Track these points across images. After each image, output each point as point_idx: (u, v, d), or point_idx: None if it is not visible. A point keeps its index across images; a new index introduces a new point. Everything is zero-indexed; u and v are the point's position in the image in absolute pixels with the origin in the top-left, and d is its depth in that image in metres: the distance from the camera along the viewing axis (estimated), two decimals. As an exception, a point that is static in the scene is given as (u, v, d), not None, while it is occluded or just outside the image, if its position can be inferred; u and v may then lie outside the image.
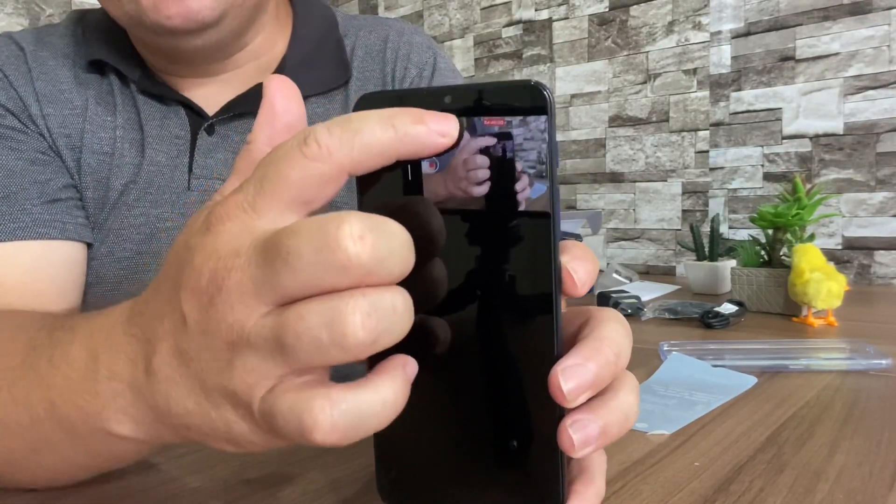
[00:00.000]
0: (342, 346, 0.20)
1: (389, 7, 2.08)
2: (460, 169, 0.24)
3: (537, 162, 0.24)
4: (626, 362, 0.26)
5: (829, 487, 0.36)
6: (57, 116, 0.59)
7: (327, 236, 0.19)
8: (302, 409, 0.20)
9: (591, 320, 0.27)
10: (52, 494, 0.36)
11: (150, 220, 0.58)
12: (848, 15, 1.29)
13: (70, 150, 0.59)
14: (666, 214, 1.56)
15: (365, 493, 0.36)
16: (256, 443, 0.23)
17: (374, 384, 0.21)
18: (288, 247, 0.20)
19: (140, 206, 0.58)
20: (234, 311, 0.21)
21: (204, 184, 0.60)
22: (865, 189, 1.29)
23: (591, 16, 1.64)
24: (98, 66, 0.61)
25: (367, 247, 0.19)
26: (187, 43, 0.55)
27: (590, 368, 0.24)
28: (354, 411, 0.20)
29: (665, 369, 0.61)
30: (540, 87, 0.23)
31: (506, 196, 0.24)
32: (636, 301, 0.97)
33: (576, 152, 1.69)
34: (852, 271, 1.31)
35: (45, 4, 1.61)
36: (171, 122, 0.61)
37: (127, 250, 0.58)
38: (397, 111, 0.22)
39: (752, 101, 1.42)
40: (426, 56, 0.71)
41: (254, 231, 0.21)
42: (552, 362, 0.24)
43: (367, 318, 0.19)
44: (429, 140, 0.22)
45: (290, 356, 0.20)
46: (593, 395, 0.24)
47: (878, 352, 0.63)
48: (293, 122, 0.26)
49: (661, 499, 0.35)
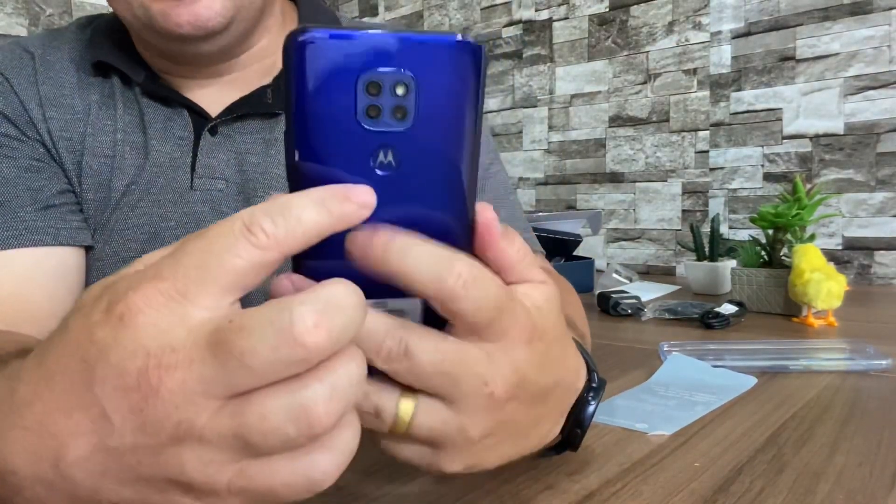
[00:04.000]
0: (309, 434, 0.21)
1: (390, 7, 2.08)
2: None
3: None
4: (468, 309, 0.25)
5: (829, 488, 0.36)
6: (59, 120, 0.59)
7: (282, 333, 0.19)
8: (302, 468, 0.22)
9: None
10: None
11: (153, 220, 0.59)
12: (848, 15, 1.29)
13: (71, 154, 0.59)
14: (666, 214, 1.56)
15: (367, 493, 0.36)
16: None
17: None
18: (241, 347, 0.19)
19: (143, 207, 0.59)
20: (178, 411, 0.20)
21: (207, 183, 0.60)
22: (865, 189, 1.29)
23: (592, 16, 1.65)
24: (102, 68, 0.62)
25: (323, 333, 0.20)
26: (195, 48, 0.56)
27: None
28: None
29: (665, 370, 0.61)
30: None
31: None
32: (636, 301, 0.97)
33: (576, 152, 1.70)
34: (852, 271, 1.31)
35: (44, 4, 1.61)
36: (175, 124, 0.61)
37: (132, 250, 0.58)
38: (326, 193, 0.22)
39: (752, 101, 1.42)
40: None
41: (188, 322, 0.20)
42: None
43: (330, 403, 0.21)
44: (355, 215, 0.23)
45: (255, 449, 0.21)
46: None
47: (878, 352, 0.63)
48: None
49: (662, 499, 0.35)
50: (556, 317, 0.30)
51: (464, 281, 0.24)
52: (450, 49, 0.24)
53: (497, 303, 0.25)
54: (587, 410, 0.35)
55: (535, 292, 0.29)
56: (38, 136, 0.59)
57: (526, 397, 0.29)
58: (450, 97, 0.25)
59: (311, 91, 0.24)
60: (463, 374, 0.26)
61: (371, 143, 0.24)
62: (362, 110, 0.24)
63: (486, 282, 0.25)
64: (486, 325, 0.26)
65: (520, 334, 0.27)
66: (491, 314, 0.25)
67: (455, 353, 0.26)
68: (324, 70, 0.23)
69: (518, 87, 1.79)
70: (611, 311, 0.96)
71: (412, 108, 0.24)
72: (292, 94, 0.24)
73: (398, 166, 0.25)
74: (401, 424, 0.26)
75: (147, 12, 0.52)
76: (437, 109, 0.24)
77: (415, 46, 0.24)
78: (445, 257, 0.24)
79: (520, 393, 0.28)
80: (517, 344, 0.27)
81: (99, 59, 0.61)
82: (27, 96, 0.59)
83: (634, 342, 0.77)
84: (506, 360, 0.27)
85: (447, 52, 0.24)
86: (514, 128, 1.80)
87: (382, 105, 0.24)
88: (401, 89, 0.24)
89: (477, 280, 0.24)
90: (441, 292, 0.24)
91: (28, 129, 0.59)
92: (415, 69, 0.24)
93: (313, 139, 0.24)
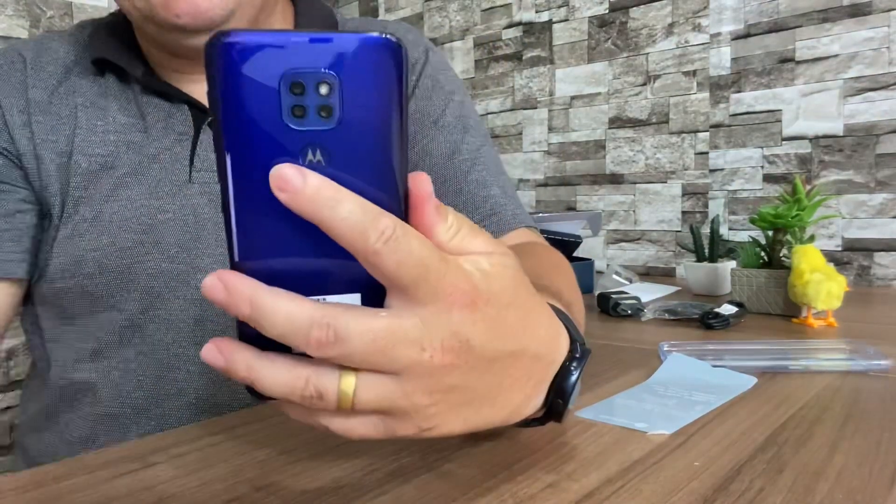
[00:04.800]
0: None
1: (390, 9, 2.08)
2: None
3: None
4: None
5: (828, 488, 0.36)
6: (44, 124, 0.60)
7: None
8: None
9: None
10: (56, 491, 0.36)
11: (151, 211, 0.59)
12: (847, 17, 1.29)
13: (55, 154, 0.60)
14: (666, 216, 1.56)
15: (366, 492, 0.36)
16: None
17: None
18: None
19: (140, 199, 0.59)
20: None
21: (205, 176, 0.61)
22: (865, 190, 1.29)
23: (591, 17, 1.65)
24: (100, 65, 0.62)
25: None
26: (195, 40, 0.56)
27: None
28: None
29: (665, 369, 0.61)
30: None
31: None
32: (636, 302, 0.97)
33: (576, 154, 1.70)
34: (852, 273, 1.31)
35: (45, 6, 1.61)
36: (176, 119, 0.62)
37: (128, 240, 0.59)
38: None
39: (751, 102, 1.42)
40: (417, 52, 0.73)
41: None
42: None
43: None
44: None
45: None
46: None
47: (878, 353, 0.63)
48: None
49: (661, 498, 0.35)
50: (512, 281, 0.30)
51: (386, 237, 0.24)
52: (369, 47, 0.25)
53: (421, 260, 0.25)
54: (569, 380, 0.35)
55: (479, 258, 0.29)
56: (8, 146, 0.60)
57: (475, 363, 0.29)
58: (373, 94, 0.25)
59: (236, 93, 0.24)
60: (398, 345, 0.26)
61: (298, 142, 0.25)
62: (287, 110, 0.24)
63: (409, 239, 0.25)
64: (411, 285, 0.26)
65: (458, 297, 0.27)
66: (415, 272, 0.25)
67: (386, 328, 0.26)
68: (248, 71, 0.24)
69: (518, 88, 1.79)
70: (611, 311, 0.96)
71: (337, 106, 0.25)
72: (218, 97, 0.24)
73: (327, 164, 0.25)
74: (345, 401, 0.27)
75: (147, 2, 0.53)
76: (361, 107, 0.25)
77: (335, 46, 0.24)
78: (372, 213, 0.24)
79: (466, 358, 0.28)
80: (455, 307, 0.27)
81: (97, 56, 0.61)
82: (10, 103, 0.60)
83: (634, 342, 0.77)
84: (442, 324, 0.27)
85: (367, 51, 0.25)
86: (514, 129, 1.81)
87: (307, 104, 0.24)
88: (324, 88, 0.24)
89: (400, 237, 0.25)
90: (364, 245, 0.24)
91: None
92: (337, 68, 0.24)
93: (241, 141, 0.25)
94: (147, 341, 0.60)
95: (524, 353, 0.32)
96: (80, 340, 0.61)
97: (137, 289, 0.59)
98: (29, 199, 0.61)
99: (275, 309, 0.25)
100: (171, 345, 0.60)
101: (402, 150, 0.26)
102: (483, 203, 0.68)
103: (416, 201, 0.27)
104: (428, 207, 0.27)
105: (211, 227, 0.60)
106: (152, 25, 0.55)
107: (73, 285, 0.59)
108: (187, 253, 0.60)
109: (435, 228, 0.28)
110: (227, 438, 0.45)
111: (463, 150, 0.69)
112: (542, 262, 0.58)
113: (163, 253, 0.59)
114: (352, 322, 0.25)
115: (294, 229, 0.26)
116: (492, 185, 0.69)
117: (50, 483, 0.38)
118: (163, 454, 0.42)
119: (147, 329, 0.60)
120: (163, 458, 0.41)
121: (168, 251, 0.59)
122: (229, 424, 0.48)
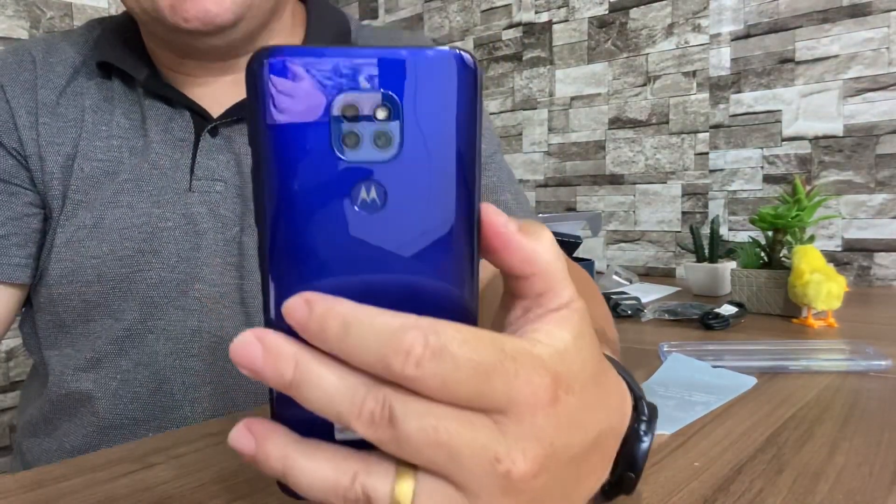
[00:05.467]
0: None
1: (390, 10, 2.08)
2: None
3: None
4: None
5: (829, 488, 0.36)
6: (51, 126, 0.60)
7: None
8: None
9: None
10: (56, 491, 0.36)
11: (151, 220, 0.59)
12: (847, 17, 1.29)
13: (59, 157, 0.60)
14: (666, 216, 1.56)
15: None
16: None
17: None
18: None
19: (142, 207, 0.59)
20: None
21: (205, 185, 0.60)
22: (865, 191, 1.29)
23: (591, 18, 1.65)
24: (105, 68, 0.62)
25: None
26: (202, 43, 0.56)
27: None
28: None
29: (665, 370, 0.61)
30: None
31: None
32: (636, 302, 0.97)
33: (576, 154, 1.70)
34: (852, 273, 1.31)
35: (45, 7, 1.61)
36: (176, 125, 0.61)
37: (128, 249, 0.58)
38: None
39: (751, 103, 1.42)
40: None
41: None
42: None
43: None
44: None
45: None
46: None
47: (878, 353, 0.63)
48: None
49: (661, 499, 0.35)
50: (589, 350, 0.24)
51: (416, 357, 0.20)
52: (436, 64, 0.21)
53: (475, 369, 0.20)
54: (640, 447, 0.29)
55: (555, 328, 0.23)
56: (17, 146, 0.59)
57: (560, 466, 0.23)
58: (441, 119, 0.21)
59: (280, 119, 0.21)
60: (465, 447, 0.21)
61: (350, 176, 0.21)
62: (338, 138, 0.21)
63: (451, 349, 0.20)
64: (472, 400, 0.21)
65: (536, 396, 0.21)
66: (470, 386, 0.20)
67: (452, 419, 0.20)
68: (293, 93, 0.21)
69: (518, 89, 1.79)
70: (611, 312, 0.96)
71: (397, 133, 0.21)
72: (258, 124, 0.21)
73: (384, 200, 0.21)
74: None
75: (154, 4, 0.52)
76: (426, 134, 0.21)
77: (397, 63, 0.21)
78: (391, 331, 0.20)
79: (551, 464, 0.22)
80: (535, 409, 0.21)
81: (102, 59, 0.61)
82: (19, 103, 0.60)
83: (634, 342, 0.77)
84: (523, 431, 0.21)
85: (434, 68, 0.21)
86: (514, 130, 1.81)
87: (361, 132, 0.21)
88: (382, 112, 0.21)
89: (436, 351, 0.20)
90: (391, 375, 0.20)
91: (7, 136, 0.59)
92: (398, 89, 0.21)
93: (285, 177, 0.21)
94: (146, 351, 0.59)
95: (605, 435, 0.26)
96: (77, 349, 0.61)
97: (136, 298, 0.59)
98: (35, 203, 0.60)
99: (322, 372, 0.21)
100: (168, 356, 0.59)
101: (475, 184, 0.22)
102: None
103: (492, 231, 0.22)
104: (512, 232, 0.23)
105: (210, 236, 0.60)
106: (160, 27, 0.55)
107: (71, 292, 0.59)
108: (186, 263, 0.59)
109: (530, 255, 0.23)
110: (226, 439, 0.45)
111: None
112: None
113: (163, 263, 0.59)
114: (411, 399, 0.20)
115: (344, 287, 0.22)
116: (503, 191, 0.68)
117: (50, 483, 0.38)
118: (162, 455, 0.42)
119: (146, 339, 0.59)
120: (162, 458, 0.41)
121: (168, 261, 0.59)
122: (229, 425, 0.48)
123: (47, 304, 0.61)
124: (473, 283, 0.23)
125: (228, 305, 0.60)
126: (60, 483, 0.38)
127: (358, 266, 0.22)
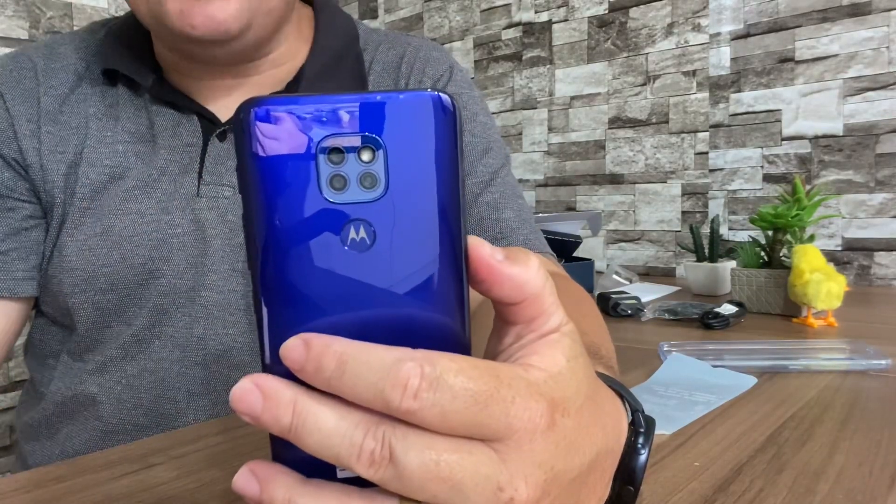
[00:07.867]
0: None
1: (389, 10, 2.08)
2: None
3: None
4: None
5: (829, 487, 0.36)
6: (55, 135, 0.59)
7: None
8: None
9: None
10: (56, 492, 0.36)
11: (161, 227, 0.59)
12: (847, 16, 1.29)
13: (62, 165, 0.59)
14: (666, 216, 1.56)
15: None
16: None
17: None
18: None
19: (151, 213, 0.59)
20: None
21: (213, 190, 0.60)
22: (865, 190, 1.29)
23: (591, 18, 1.65)
24: (109, 75, 0.62)
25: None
26: (209, 51, 0.55)
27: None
28: None
29: (665, 369, 0.61)
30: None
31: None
32: (636, 302, 0.97)
33: (575, 154, 1.70)
34: (852, 272, 1.31)
35: (45, 7, 1.61)
36: (184, 130, 0.61)
37: (139, 256, 0.58)
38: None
39: (751, 102, 1.42)
40: (442, 69, 0.70)
41: None
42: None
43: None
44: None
45: None
46: None
47: (877, 352, 0.63)
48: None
49: (661, 499, 0.35)
50: (583, 371, 0.24)
51: (414, 389, 0.20)
52: (416, 106, 0.22)
53: (472, 398, 0.20)
54: (637, 461, 0.29)
55: (548, 352, 0.23)
56: (17, 156, 0.59)
57: (562, 489, 0.23)
58: (423, 158, 0.22)
59: (268, 165, 0.22)
60: (468, 479, 0.21)
61: (339, 217, 0.22)
62: (326, 181, 0.22)
63: (447, 378, 0.20)
64: (471, 429, 0.21)
65: (533, 422, 0.21)
66: (468, 416, 0.21)
67: (452, 451, 0.21)
68: (280, 138, 0.22)
69: (518, 88, 1.79)
70: (611, 311, 0.96)
71: (382, 173, 0.22)
72: (247, 171, 0.22)
73: (373, 239, 0.22)
74: None
75: (161, 9, 0.52)
76: (410, 173, 0.22)
77: (377, 106, 0.22)
78: (387, 365, 0.20)
79: (553, 488, 0.23)
80: (534, 434, 0.22)
81: (107, 66, 0.60)
82: (19, 112, 0.59)
83: (634, 342, 0.77)
84: (524, 458, 0.22)
85: (414, 110, 0.22)
86: (514, 129, 1.81)
87: (348, 174, 0.22)
88: (367, 154, 0.22)
89: (433, 382, 0.20)
90: (389, 409, 0.20)
91: (6, 146, 0.59)
92: (380, 131, 0.22)
93: (274, 222, 0.22)
94: (152, 357, 0.59)
95: (603, 454, 0.26)
96: (85, 353, 0.61)
97: (147, 305, 0.59)
98: (35, 214, 0.60)
99: (320, 414, 0.21)
100: (174, 363, 0.59)
101: (459, 219, 0.23)
102: (493, 226, 0.64)
103: (478, 262, 0.23)
104: (498, 262, 0.23)
105: (218, 243, 0.59)
106: (167, 32, 0.55)
107: (85, 301, 0.58)
108: (195, 269, 0.59)
109: (521, 282, 0.23)
110: (226, 439, 0.45)
111: (478, 172, 0.66)
112: (566, 305, 0.50)
113: (173, 269, 0.58)
114: (410, 436, 0.21)
115: (337, 326, 0.22)
116: (504, 207, 0.66)
117: (50, 484, 0.38)
118: (162, 455, 0.42)
119: (153, 345, 0.59)
120: (162, 459, 0.41)
121: (177, 267, 0.58)
122: (229, 425, 0.48)
123: (58, 311, 0.61)
124: (464, 314, 0.23)
125: (233, 313, 0.59)
126: (60, 483, 0.38)
127: (350, 304, 0.22)
